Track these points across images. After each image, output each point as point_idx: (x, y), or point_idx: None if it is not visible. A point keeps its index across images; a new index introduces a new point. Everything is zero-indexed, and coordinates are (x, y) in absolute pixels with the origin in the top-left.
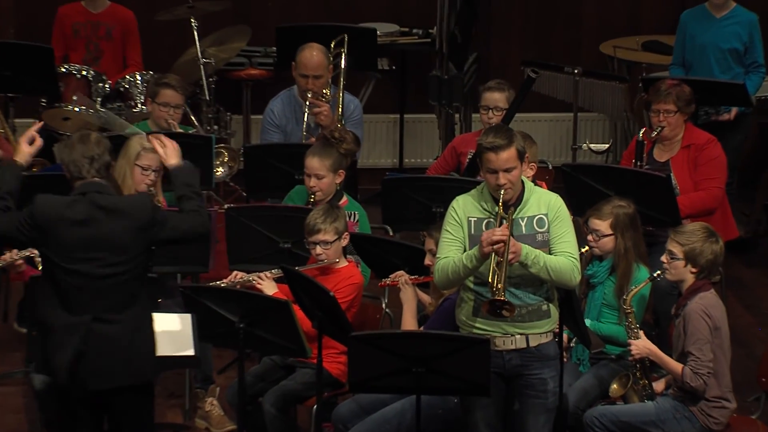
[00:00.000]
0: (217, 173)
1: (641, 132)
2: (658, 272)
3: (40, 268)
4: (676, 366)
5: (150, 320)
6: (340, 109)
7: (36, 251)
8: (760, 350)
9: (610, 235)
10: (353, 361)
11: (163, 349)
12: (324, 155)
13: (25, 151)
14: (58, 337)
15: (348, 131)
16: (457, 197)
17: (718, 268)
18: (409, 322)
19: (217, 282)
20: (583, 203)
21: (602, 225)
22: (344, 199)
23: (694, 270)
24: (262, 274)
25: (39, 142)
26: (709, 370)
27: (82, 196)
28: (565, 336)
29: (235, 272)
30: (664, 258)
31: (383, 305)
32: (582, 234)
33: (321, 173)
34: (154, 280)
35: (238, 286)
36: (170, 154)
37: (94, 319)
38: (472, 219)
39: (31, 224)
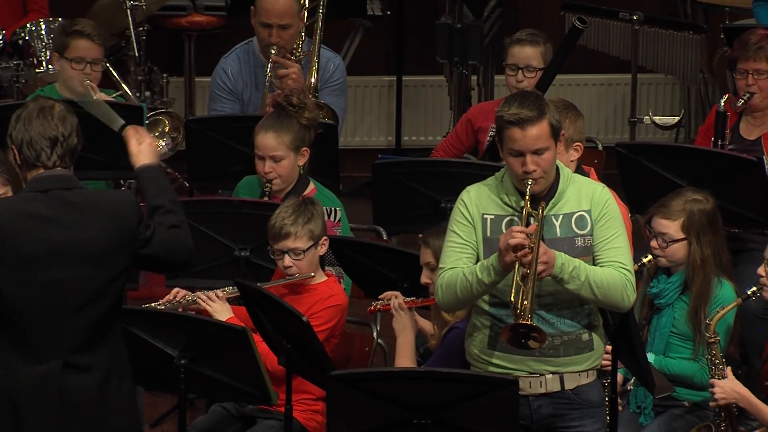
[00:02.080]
0: (158, 149)
1: (723, 100)
2: (753, 289)
3: None
4: None
5: (123, 362)
6: (315, 71)
7: None
8: None
9: (682, 239)
10: (334, 410)
11: None
12: (281, 129)
13: None
14: (22, 400)
15: (309, 95)
16: (468, 187)
17: None
18: (406, 357)
19: (152, 303)
20: (644, 196)
21: (671, 226)
22: (311, 187)
23: None
24: (211, 293)
25: None
26: None
27: (42, 194)
28: (619, 376)
29: (175, 289)
30: (761, 270)
31: (374, 334)
32: (643, 238)
33: (278, 153)
34: None
35: (179, 309)
36: (145, 151)
37: (66, 366)
38: (488, 216)
39: None
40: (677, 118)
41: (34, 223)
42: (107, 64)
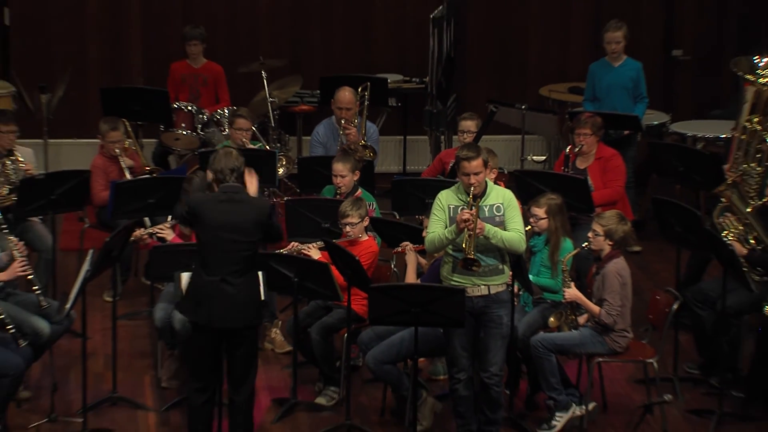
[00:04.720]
0: (280, 172)
1: (568, 148)
2: (586, 243)
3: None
4: (595, 308)
5: (255, 283)
6: (363, 131)
7: (157, 228)
8: (647, 296)
9: (545, 218)
10: (372, 304)
11: None
12: (345, 160)
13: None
14: (199, 290)
15: (359, 146)
16: (441, 191)
17: (628, 241)
18: (411, 277)
19: (280, 250)
20: (528, 197)
21: (540, 211)
22: (359, 191)
23: (610, 243)
24: (310, 245)
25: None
26: (618, 312)
27: (224, 194)
28: (515, 287)
29: (292, 243)
30: (590, 234)
31: (392, 266)
32: (526, 218)
33: (344, 173)
34: None
35: (294, 253)
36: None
37: (222, 280)
38: (451, 206)
39: (188, 211)
40: (544, 157)
41: (214, 207)
42: (255, 129)
